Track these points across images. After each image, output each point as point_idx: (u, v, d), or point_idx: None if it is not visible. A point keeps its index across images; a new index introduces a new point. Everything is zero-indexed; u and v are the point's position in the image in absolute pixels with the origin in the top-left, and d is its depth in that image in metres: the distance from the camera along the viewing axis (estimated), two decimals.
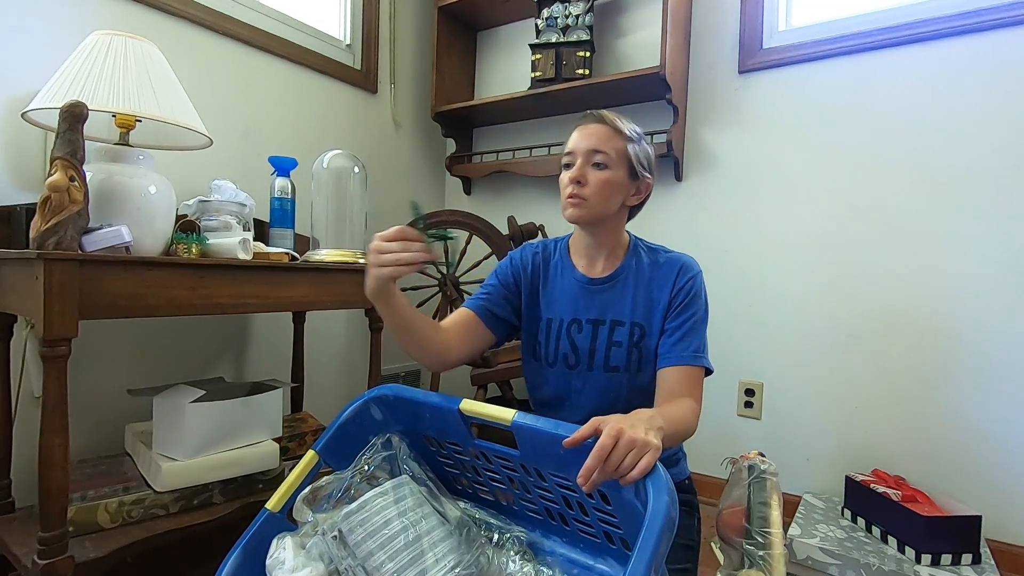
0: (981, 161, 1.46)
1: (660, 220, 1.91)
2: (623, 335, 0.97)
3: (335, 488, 0.79)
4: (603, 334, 0.98)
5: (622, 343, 0.97)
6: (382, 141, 2.13)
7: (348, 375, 2.02)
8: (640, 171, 0.96)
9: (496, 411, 0.75)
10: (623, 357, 0.97)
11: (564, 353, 1.00)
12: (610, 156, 0.93)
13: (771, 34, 1.76)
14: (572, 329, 1.00)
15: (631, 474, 0.60)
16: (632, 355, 0.96)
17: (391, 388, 0.87)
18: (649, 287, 0.98)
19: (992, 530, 1.40)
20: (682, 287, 0.96)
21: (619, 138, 0.94)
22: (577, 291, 1.01)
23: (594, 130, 0.94)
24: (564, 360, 1.00)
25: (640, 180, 0.97)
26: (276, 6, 1.75)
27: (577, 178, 0.93)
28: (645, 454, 0.62)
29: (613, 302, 0.99)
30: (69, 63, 1.05)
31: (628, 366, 0.97)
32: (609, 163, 0.93)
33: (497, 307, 1.03)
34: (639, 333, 0.97)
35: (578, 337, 0.99)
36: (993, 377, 1.44)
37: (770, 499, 0.92)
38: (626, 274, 1.00)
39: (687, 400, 0.90)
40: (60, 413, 0.88)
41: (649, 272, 0.99)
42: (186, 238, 1.10)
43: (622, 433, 0.62)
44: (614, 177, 0.94)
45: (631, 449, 0.62)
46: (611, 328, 0.98)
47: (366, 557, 0.70)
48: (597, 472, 0.61)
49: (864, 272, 1.60)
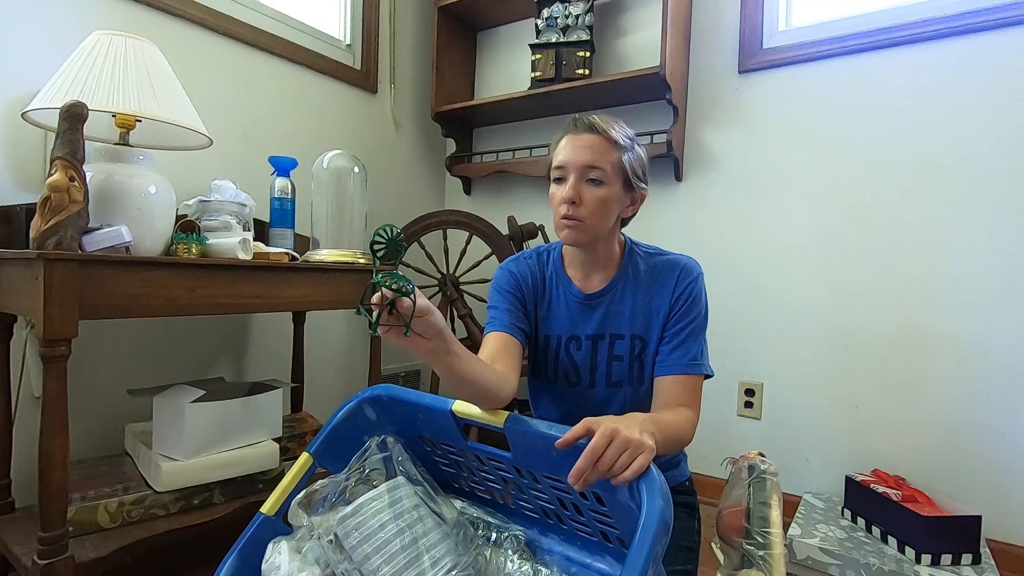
0: (981, 161, 1.46)
1: (660, 220, 1.91)
2: (624, 349, 0.94)
3: (330, 491, 0.79)
4: (603, 349, 0.95)
5: (623, 357, 0.94)
6: (382, 141, 2.13)
7: (348, 375, 2.02)
8: (636, 182, 0.90)
9: (488, 413, 0.75)
10: (625, 371, 0.94)
11: (564, 371, 0.98)
12: (606, 172, 0.86)
13: (771, 34, 1.76)
14: (571, 346, 0.97)
15: (624, 474, 0.60)
16: (634, 368, 0.94)
17: (384, 388, 0.86)
18: (648, 296, 0.94)
19: (992, 530, 1.40)
20: (683, 292, 0.92)
21: (614, 149, 0.87)
22: (574, 307, 0.97)
23: (588, 142, 0.87)
24: (565, 378, 0.98)
25: (635, 191, 0.92)
26: (276, 6, 1.75)
27: (572, 198, 0.87)
28: (639, 455, 0.61)
29: (611, 316, 0.95)
30: (69, 63, 1.05)
31: (631, 379, 0.95)
32: (605, 179, 0.87)
33: (520, 321, 0.97)
34: (640, 346, 0.94)
35: (577, 355, 0.97)
36: (993, 377, 1.44)
37: (770, 499, 0.92)
38: (623, 285, 0.96)
39: (684, 410, 0.88)
40: (60, 413, 0.88)
41: (647, 279, 0.95)
42: (186, 238, 1.10)
43: (616, 433, 0.61)
44: (610, 194, 0.88)
45: (625, 449, 0.61)
46: (611, 342, 0.95)
47: (362, 561, 0.69)
48: (590, 471, 0.60)
49: (864, 272, 1.60)
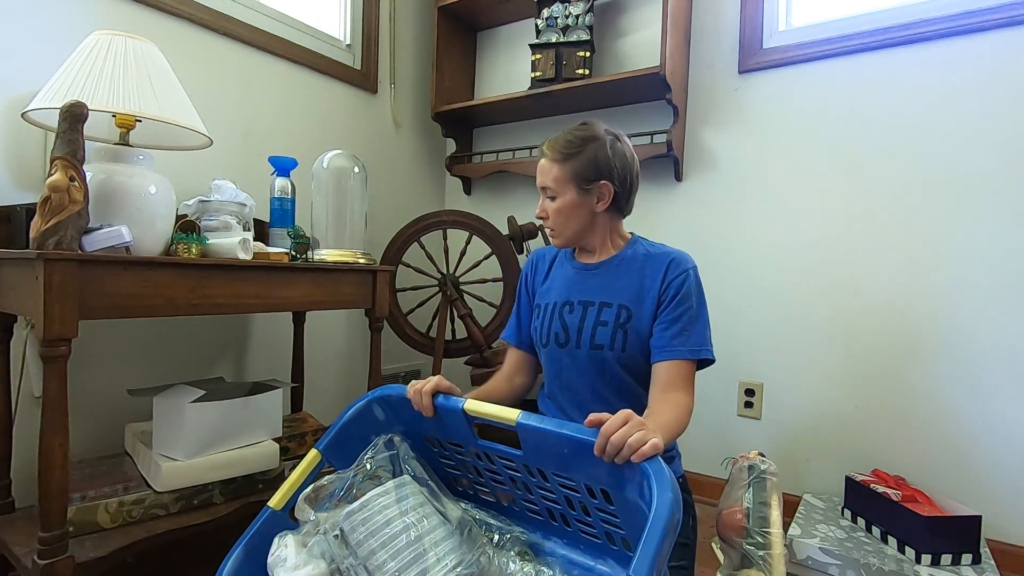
0: (981, 161, 1.46)
1: (660, 220, 1.91)
2: (610, 315, 1.01)
3: (337, 487, 0.79)
4: (592, 314, 1.03)
5: (608, 323, 1.00)
6: (382, 141, 2.13)
7: (348, 375, 2.01)
8: (587, 183, 1.01)
9: (500, 411, 0.75)
10: (607, 336, 1.00)
11: (556, 332, 1.05)
12: (554, 188, 1.02)
13: (771, 34, 1.76)
14: (564, 310, 1.05)
15: (643, 448, 0.63)
16: (617, 335, 1.00)
17: (394, 388, 0.88)
18: (641, 274, 1.02)
19: (992, 530, 1.40)
20: (672, 281, 0.99)
21: (556, 165, 1.01)
22: (572, 276, 1.09)
23: (543, 166, 1.03)
24: (555, 339, 1.05)
25: (593, 187, 1.01)
26: (276, 6, 1.75)
27: (540, 215, 1.06)
28: (651, 438, 0.65)
29: (604, 285, 1.04)
30: (69, 63, 1.05)
31: (612, 345, 1.00)
32: (556, 193, 1.02)
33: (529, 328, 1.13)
34: (626, 315, 1.00)
35: (568, 317, 1.04)
36: (993, 377, 1.44)
37: (770, 499, 0.92)
38: (619, 262, 1.05)
39: (679, 395, 0.93)
40: (60, 413, 0.88)
41: (643, 262, 1.03)
42: (186, 238, 1.10)
43: (631, 416, 0.67)
44: (564, 203, 1.02)
45: (640, 429, 0.65)
46: (599, 309, 1.02)
47: (368, 556, 0.70)
48: (609, 446, 0.65)
49: (864, 271, 1.60)
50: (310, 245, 1.34)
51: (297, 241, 1.31)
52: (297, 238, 1.31)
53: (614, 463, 0.65)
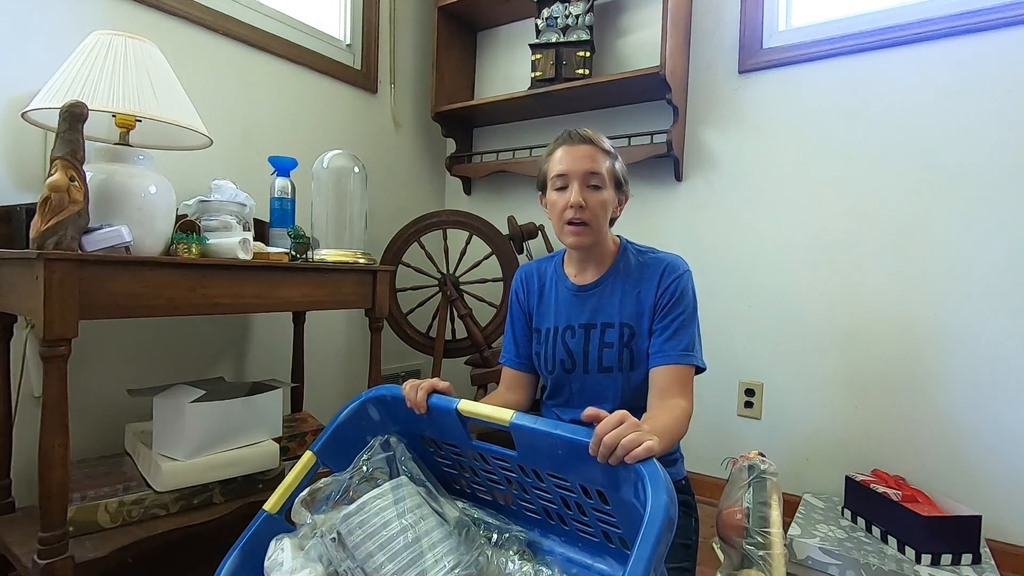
0: (981, 161, 1.46)
1: (660, 220, 1.91)
2: (613, 336, 0.99)
3: (333, 489, 0.79)
4: (595, 337, 1.01)
5: (613, 344, 0.99)
6: (382, 141, 2.13)
7: (348, 375, 2.01)
8: (624, 187, 1.02)
9: (494, 411, 0.75)
10: (615, 357, 0.99)
11: (560, 359, 1.03)
12: (603, 177, 0.97)
13: (771, 34, 1.76)
14: (566, 335, 1.03)
15: (636, 451, 0.63)
16: (623, 355, 0.99)
17: (388, 388, 0.87)
18: (637, 288, 1.00)
19: (992, 530, 1.40)
20: (667, 287, 0.98)
21: (607, 158, 0.99)
22: (569, 299, 1.06)
23: (586, 152, 0.97)
24: (561, 365, 1.03)
25: (623, 194, 1.03)
26: (276, 6, 1.75)
27: (580, 203, 0.95)
28: (647, 440, 0.64)
29: (602, 305, 1.02)
30: (69, 63, 1.05)
31: (620, 366, 0.99)
32: (603, 184, 0.97)
33: (527, 348, 1.11)
34: (628, 333, 0.99)
35: (571, 342, 1.02)
36: (993, 377, 1.44)
37: (770, 499, 0.92)
38: (613, 278, 1.03)
39: (677, 401, 0.92)
40: (60, 413, 0.88)
41: (636, 273, 1.02)
42: (186, 238, 1.10)
43: (627, 416, 0.67)
44: (608, 197, 0.99)
45: (636, 430, 0.65)
46: (602, 330, 1.00)
47: (365, 559, 0.69)
48: (603, 447, 0.64)
49: (864, 272, 1.60)
50: (310, 245, 1.34)
51: (297, 241, 1.31)
52: (297, 238, 1.31)
53: (608, 463, 0.65)
